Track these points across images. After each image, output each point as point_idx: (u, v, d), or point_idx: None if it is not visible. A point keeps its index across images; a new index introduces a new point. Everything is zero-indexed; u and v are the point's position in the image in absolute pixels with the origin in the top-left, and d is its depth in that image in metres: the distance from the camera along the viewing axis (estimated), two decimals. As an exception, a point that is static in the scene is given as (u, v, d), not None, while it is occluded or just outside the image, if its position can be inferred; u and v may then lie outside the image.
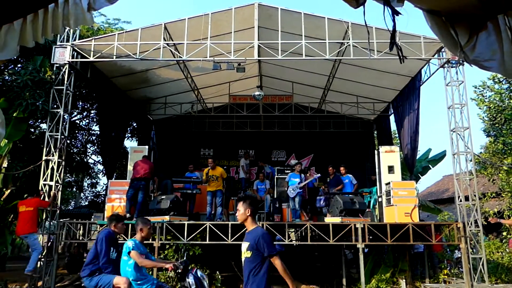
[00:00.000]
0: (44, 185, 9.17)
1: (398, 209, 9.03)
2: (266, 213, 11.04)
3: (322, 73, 12.43)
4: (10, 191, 11.03)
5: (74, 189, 21.30)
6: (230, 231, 8.46)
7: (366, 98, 13.76)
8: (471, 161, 9.72)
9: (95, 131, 16.33)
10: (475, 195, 9.25)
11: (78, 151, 16.38)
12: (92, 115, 16.00)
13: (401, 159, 11.12)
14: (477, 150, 18.58)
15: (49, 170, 9.28)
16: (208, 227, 8.53)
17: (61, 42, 9.78)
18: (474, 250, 9.07)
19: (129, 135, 16.62)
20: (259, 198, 11.50)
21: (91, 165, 17.70)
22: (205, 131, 15.62)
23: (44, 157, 9.35)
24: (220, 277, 8.68)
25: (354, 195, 9.56)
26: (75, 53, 9.86)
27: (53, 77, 9.77)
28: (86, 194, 22.82)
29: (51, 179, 9.23)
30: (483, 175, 15.35)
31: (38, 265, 8.84)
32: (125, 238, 7.67)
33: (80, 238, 9.43)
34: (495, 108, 15.46)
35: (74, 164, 15.63)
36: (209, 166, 9.83)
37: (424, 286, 9.27)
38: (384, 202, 9.70)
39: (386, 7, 1.90)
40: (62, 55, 9.63)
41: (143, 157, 9.86)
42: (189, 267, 4.71)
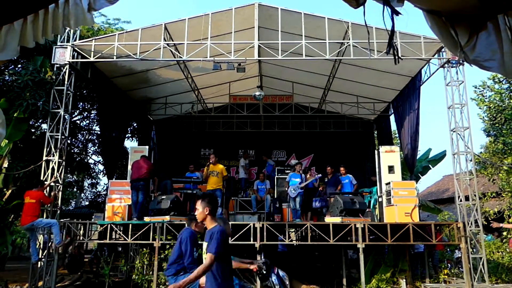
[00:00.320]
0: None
1: (398, 209, 9.04)
2: (266, 213, 11.04)
3: (322, 73, 12.43)
4: (11, 191, 11.02)
5: (75, 189, 21.32)
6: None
7: (366, 98, 13.76)
8: (471, 161, 9.72)
9: (96, 131, 16.35)
10: (475, 195, 9.25)
11: (79, 151, 16.39)
12: (93, 115, 16.03)
13: (401, 159, 11.12)
14: (477, 150, 18.62)
15: (50, 170, 9.29)
16: (208, 227, 8.52)
17: (62, 43, 9.79)
18: (474, 250, 9.07)
19: (130, 135, 16.64)
20: (259, 198, 11.50)
21: (92, 165, 17.72)
22: (205, 131, 15.63)
23: (45, 157, 9.36)
24: (220, 277, 8.67)
25: (354, 195, 9.56)
26: (76, 54, 9.87)
27: (54, 78, 9.78)
28: (87, 194, 22.83)
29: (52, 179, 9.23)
30: (483, 175, 15.35)
31: (39, 265, 8.86)
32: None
33: (81, 238, 9.43)
34: (495, 108, 15.46)
35: (75, 164, 15.63)
36: (211, 161, 9.79)
37: (424, 286, 9.27)
38: (384, 202, 9.70)
39: (386, 7, 1.90)
40: (63, 56, 9.65)
41: (142, 157, 9.82)
42: (271, 267, 4.73)
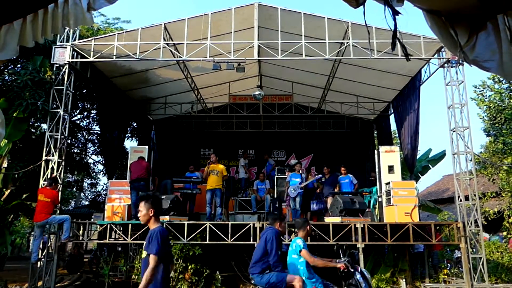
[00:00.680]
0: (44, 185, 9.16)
1: (398, 209, 9.03)
2: (266, 213, 11.04)
3: (322, 73, 12.43)
4: (10, 191, 11.02)
5: (74, 189, 21.30)
6: (230, 231, 8.46)
7: (366, 98, 13.76)
8: (471, 161, 9.72)
9: (96, 131, 16.34)
10: (475, 195, 9.26)
11: (79, 151, 16.38)
12: (93, 115, 16.01)
13: (401, 159, 11.12)
14: (477, 150, 18.61)
15: (49, 170, 9.28)
16: (208, 227, 8.53)
17: (61, 42, 9.79)
18: (474, 250, 9.07)
19: (129, 135, 16.63)
20: (259, 198, 11.49)
21: (91, 165, 17.71)
22: (205, 131, 15.63)
23: (44, 157, 9.36)
24: (220, 277, 8.68)
25: (354, 195, 9.56)
26: (75, 53, 9.86)
27: (53, 77, 9.78)
28: (86, 194, 22.82)
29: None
30: (483, 175, 15.35)
31: (38, 265, 8.85)
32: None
33: (80, 238, 9.43)
34: (495, 108, 15.45)
35: (74, 164, 15.63)
36: (211, 160, 9.80)
37: (424, 286, 9.28)
38: (384, 202, 9.70)
39: (386, 7, 1.90)
40: (62, 55, 9.64)
41: (138, 158, 9.85)
42: (354, 266, 4.79)
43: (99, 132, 14.11)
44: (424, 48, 9.42)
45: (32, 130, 13.09)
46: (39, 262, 8.82)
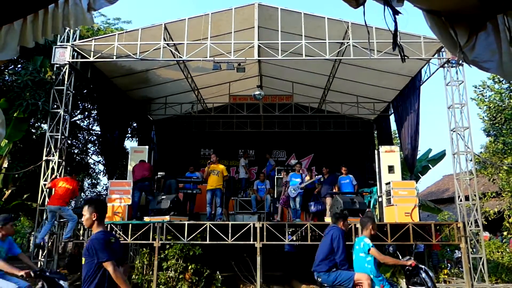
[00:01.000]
0: (45, 185, 9.17)
1: (398, 209, 9.03)
2: (266, 213, 11.04)
3: (322, 73, 12.43)
4: (10, 191, 11.03)
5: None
6: (230, 231, 8.45)
7: (366, 98, 13.77)
8: (471, 161, 9.73)
9: (96, 131, 16.35)
10: (475, 195, 9.26)
11: (79, 151, 16.39)
12: (93, 115, 16.02)
13: (401, 159, 11.11)
14: (477, 150, 18.61)
15: (49, 170, 9.29)
16: (208, 227, 8.53)
17: (61, 43, 9.80)
18: (474, 250, 9.07)
19: (130, 135, 16.64)
20: (259, 198, 11.48)
21: (92, 165, 17.72)
22: (205, 131, 15.63)
23: (45, 157, 9.36)
24: (220, 277, 8.67)
25: (354, 195, 9.55)
26: (75, 53, 9.87)
27: (53, 77, 9.79)
28: (87, 194, 22.81)
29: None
30: (483, 175, 15.35)
31: (38, 265, 8.84)
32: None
33: (80, 238, 9.43)
34: (495, 108, 15.46)
35: (75, 164, 15.63)
36: (212, 160, 9.81)
37: (424, 286, 9.27)
38: (384, 202, 9.69)
39: (386, 7, 1.90)
40: (62, 55, 9.65)
41: (140, 161, 9.89)
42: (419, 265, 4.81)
43: (100, 133, 14.11)
44: (424, 48, 9.42)
45: (33, 130, 13.10)
46: (39, 262, 8.82)
